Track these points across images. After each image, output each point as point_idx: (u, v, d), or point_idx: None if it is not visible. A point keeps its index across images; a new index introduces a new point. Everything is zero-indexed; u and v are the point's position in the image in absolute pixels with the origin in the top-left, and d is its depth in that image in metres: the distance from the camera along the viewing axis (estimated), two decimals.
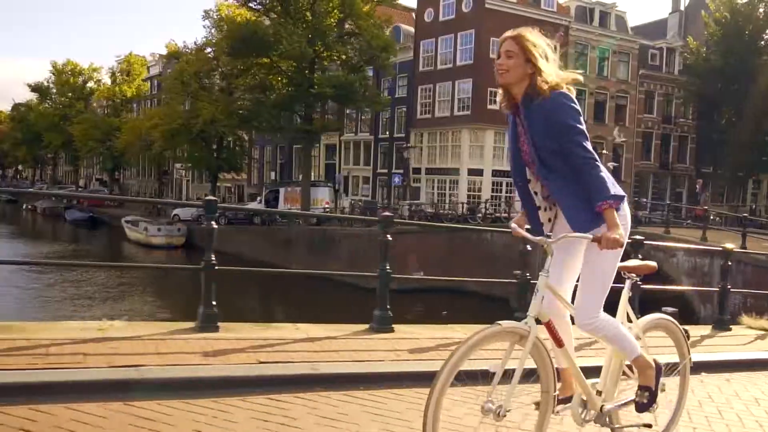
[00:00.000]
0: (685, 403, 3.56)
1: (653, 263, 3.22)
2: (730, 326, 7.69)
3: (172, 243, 38.53)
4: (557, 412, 2.99)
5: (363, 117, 44.21)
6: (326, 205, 35.32)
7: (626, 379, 3.18)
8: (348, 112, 37.70)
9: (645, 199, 37.81)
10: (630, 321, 3.22)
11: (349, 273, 19.52)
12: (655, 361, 3.05)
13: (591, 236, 2.69)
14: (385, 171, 43.60)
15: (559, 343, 2.85)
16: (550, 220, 3.01)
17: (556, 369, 2.94)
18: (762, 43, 37.18)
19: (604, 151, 34.30)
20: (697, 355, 5.15)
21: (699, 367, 5.05)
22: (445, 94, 38.99)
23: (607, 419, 3.07)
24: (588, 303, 2.88)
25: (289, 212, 32.42)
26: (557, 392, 2.88)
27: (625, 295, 3.17)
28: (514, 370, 2.66)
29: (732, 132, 37.26)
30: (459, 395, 3.35)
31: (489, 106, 36.47)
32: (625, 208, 2.88)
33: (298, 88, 32.79)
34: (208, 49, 40.91)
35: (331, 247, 29.14)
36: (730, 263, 8.02)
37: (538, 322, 2.79)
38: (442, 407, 2.61)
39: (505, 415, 2.65)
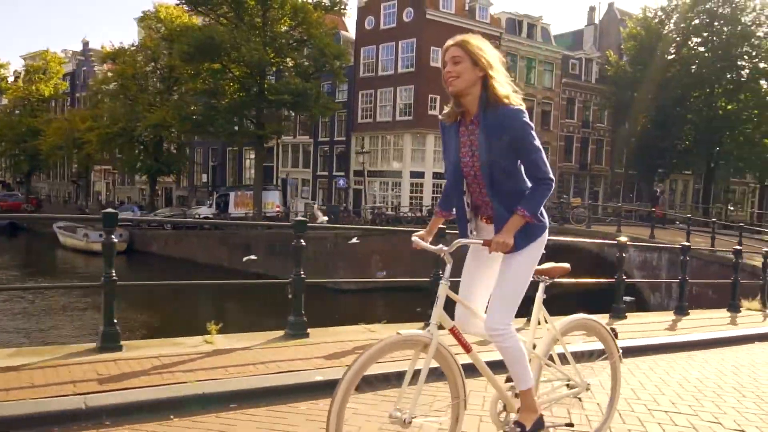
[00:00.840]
0: (618, 401, 3.57)
1: (566, 265, 3.23)
2: (688, 311, 9.00)
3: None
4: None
5: (301, 120, 44.86)
6: (277, 209, 35.88)
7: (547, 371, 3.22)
8: (285, 114, 38.28)
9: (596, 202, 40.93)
10: (546, 322, 3.20)
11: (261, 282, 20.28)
12: (541, 414, 2.98)
13: (482, 241, 2.75)
14: (326, 174, 44.52)
15: (466, 348, 2.79)
16: (472, 232, 3.00)
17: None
18: (669, 57, 41.08)
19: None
20: (669, 338, 6.86)
21: (669, 348, 6.43)
22: (387, 99, 40.45)
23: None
24: (498, 311, 2.83)
25: (207, 221, 31.86)
26: (467, 398, 2.85)
27: (539, 297, 3.16)
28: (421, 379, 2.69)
29: (644, 137, 41.07)
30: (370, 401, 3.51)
31: (430, 112, 38.41)
32: (547, 231, 2.95)
33: (249, 93, 33.24)
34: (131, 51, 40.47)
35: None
36: (688, 258, 9.25)
37: (441, 328, 2.77)
38: (344, 418, 2.58)
39: (410, 423, 2.64)
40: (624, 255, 8.08)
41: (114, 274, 4.87)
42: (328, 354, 4.97)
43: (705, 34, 42.17)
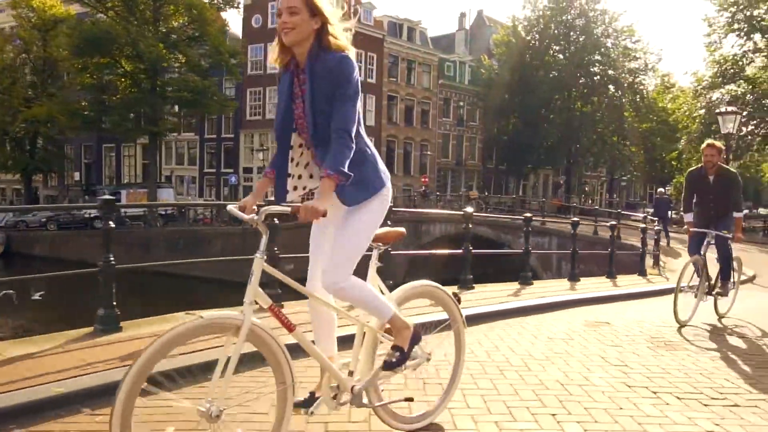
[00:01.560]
0: (462, 368, 3.44)
1: (401, 229, 3.13)
2: (580, 278, 10.56)
3: None
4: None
5: (185, 117, 44.29)
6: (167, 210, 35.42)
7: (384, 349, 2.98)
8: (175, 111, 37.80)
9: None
10: (382, 293, 2.97)
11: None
12: (414, 325, 2.92)
13: (290, 209, 2.49)
14: (213, 171, 44.32)
15: (289, 328, 2.60)
16: (303, 188, 2.80)
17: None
18: (535, 63, 45.31)
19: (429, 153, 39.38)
20: (566, 296, 8.14)
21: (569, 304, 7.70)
22: (276, 97, 41.09)
23: (365, 399, 2.91)
24: (336, 266, 2.68)
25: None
26: (295, 382, 2.60)
27: (373, 264, 3.00)
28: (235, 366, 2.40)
29: (515, 135, 45.05)
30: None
31: None
32: (386, 188, 2.81)
33: (141, 89, 32.67)
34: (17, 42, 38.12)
35: (199, 247, 29.80)
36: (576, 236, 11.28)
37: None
38: (130, 424, 2.20)
39: (219, 416, 2.36)
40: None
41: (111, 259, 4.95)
42: (137, 350, 4.18)
43: (563, 43, 46.96)
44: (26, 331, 17.94)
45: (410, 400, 3.09)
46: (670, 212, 24.44)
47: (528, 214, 10.45)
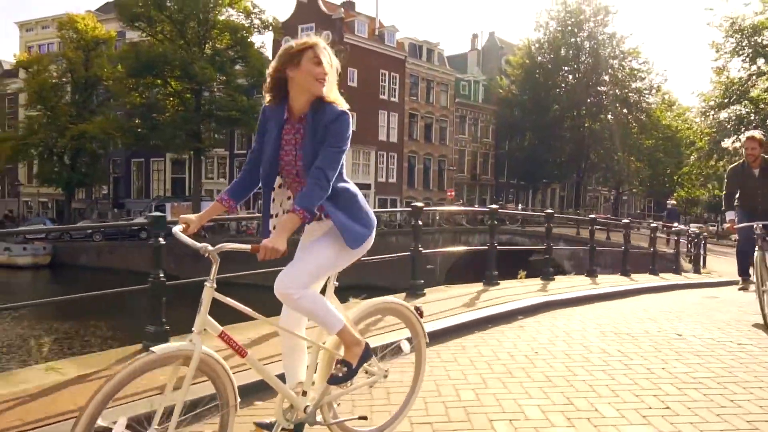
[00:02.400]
0: (422, 383, 3.37)
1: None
2: (598, 274, 10.91)
3: (38, 262, 37.12)
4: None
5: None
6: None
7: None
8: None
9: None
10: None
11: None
12: (366, 343, 2.87)
13: (249, 247, 2.50)
14: None
15: (240, 353, 2.56)
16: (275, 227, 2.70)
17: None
18: (550, 82, 47.85)
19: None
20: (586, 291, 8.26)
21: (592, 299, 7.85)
22: None
23: (318, 417, 2.89)
24: (294, 275, 2.65)
25: None
26: (237, 403, 2.58)
27: (331, 287, 2.92)
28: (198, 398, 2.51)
29: (530, 151, 47.48)
30: None
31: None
32: (372, 235, 2.84)
33: (188, 108, 34.73)
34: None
35: (244, 255, 31.59)
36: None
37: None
38: None
39: None
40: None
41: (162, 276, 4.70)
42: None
43: (573, 64, 49.56)
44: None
45: (364, 418, 3.10)
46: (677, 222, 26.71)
47: (549, 210, 10.91)
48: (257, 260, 2.54)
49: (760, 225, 6.23)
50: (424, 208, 7.77)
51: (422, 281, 7.29)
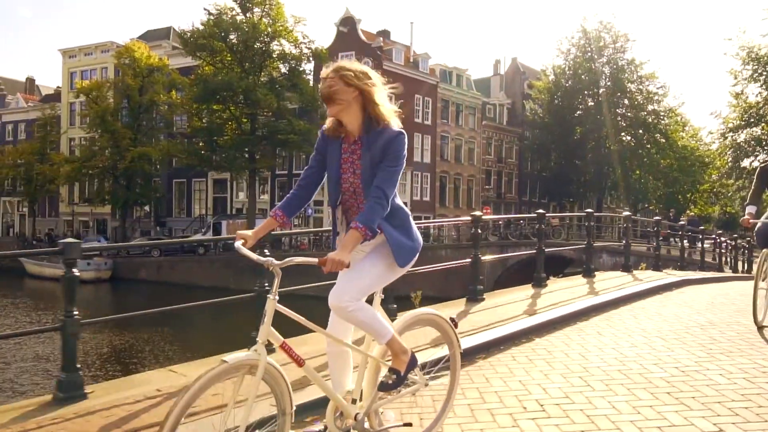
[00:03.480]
0: (456, 391, 3.52)
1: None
2: (633, 271, 11.74)
3: (101, 277, 39.39)
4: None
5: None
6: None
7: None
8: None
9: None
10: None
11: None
12: (412, 351, 3.03)
13: (316, 260, 2.63)
14: None
15: (299, 362, 2.72)
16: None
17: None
18: (572, 106, 50.56)
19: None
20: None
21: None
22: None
23: (366, 425, 3.04)
24: (348, 287, 2.83)
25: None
26: (293, 411, 2.74)
27: (377, 299, 3.12)
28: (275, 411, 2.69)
29: (556, 171, 50.09)
30: None
31: None
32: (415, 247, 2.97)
33: (244, 131, 37.28)
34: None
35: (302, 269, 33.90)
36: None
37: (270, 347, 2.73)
38: None
39: None
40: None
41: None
42: (104, 426, 3.58)
43: (593, 89, 52.29)
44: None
45: (409, 425, 3.20)
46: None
47: (589, 210, 11.79)
48: (321, 272, 2.72)
49: None
50: (483, 217, 8.20)
51: (482, 287, 7.61)
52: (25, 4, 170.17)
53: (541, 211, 9.34)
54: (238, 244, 2.80)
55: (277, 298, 2.68)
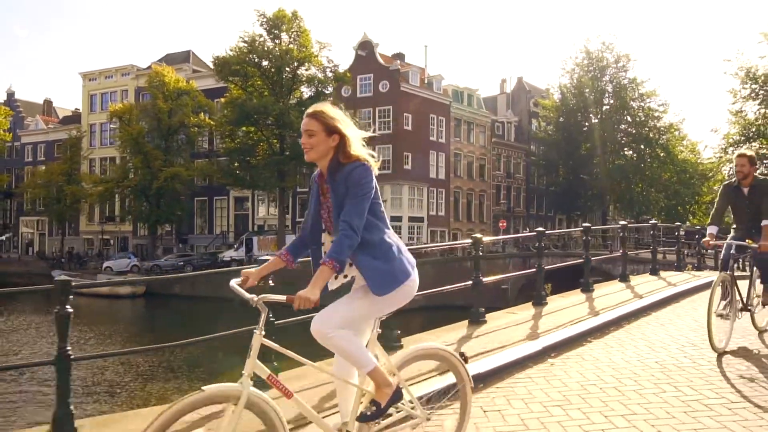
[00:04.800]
0: (468, 424, 3.45)
1: None
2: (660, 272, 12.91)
3: (136, 292, 41.04)
4: None
5: None
6: None
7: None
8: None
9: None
10: (381, 357, 3.13)
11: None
12: (398, 386, 3.03)
13: (284, 297, 2.70)
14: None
15: (287, 394, 2.77)
16: (344, 276, 3.00)
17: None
18: (578, 123, 52.97)
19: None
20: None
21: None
22: None
23: None
24: (332, 315, 2.87)
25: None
26: None
27: (374, 334, 3.10)
28: None
29: (564, 185, 52.38)
30: None
31: (405, 167, 46.54)
32: (411, 280, 3.01)
33: (274, 151, 39.28)
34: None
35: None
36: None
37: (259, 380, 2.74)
38: None
39: None
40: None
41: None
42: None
43: (596, 108, 54.75)
44: None
45: None
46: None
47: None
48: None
49: (734, 245, 6.12)
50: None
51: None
52: (21, 23, 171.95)
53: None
54: (233, 282, 2.92)
55: (263, 332, 2.75)
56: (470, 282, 7.44)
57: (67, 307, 4.11)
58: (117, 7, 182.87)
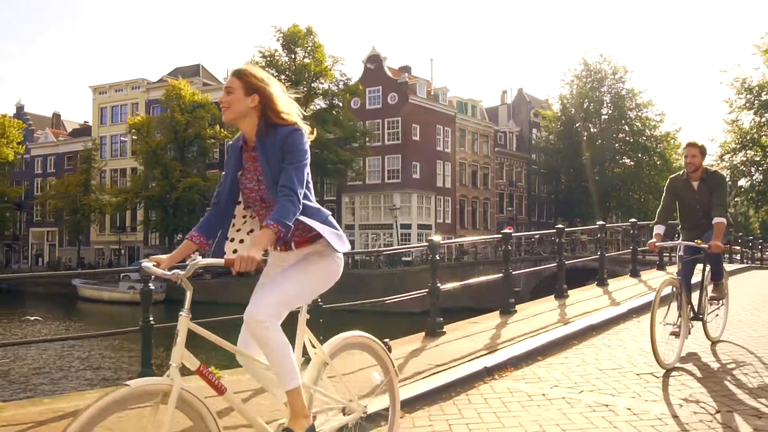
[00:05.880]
0: (398, 417, 3.28)
1: None
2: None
3: (156, 299, 41.94)
4: None
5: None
6: None
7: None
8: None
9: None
10: (313, 346, 2.93)
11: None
12: (314, 416, 2.76)
13: (222, 260, 2.48)
14: None
15: (219, 390, 2.45)
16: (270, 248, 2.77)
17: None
18: (581, 129, 54.79)
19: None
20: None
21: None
22: (376, 165, 49.37)
23: None
24: (265, 301, 2.62)
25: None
26: None
27: (303, 318, 2.89)
28: None
29: (565, 193, 54.12)
30: None
31: (413, 176, 48.12)
32: (340, 257, 2.82)
33: None
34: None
35: (362, 284, 37.26)
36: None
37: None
38: None
39: None
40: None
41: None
42: None
43: (594, 119, 56.60)
44: None
45: None
46: None
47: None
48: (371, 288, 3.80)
49: (683, 245, 5.62)
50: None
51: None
52: (11, 39, 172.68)
53: (560, 225, 9.69)
54: (146, 263, 2.59)
55: (189, 315, 2.46)
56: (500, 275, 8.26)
57: (150, 285, 5.06)
58: (123, 21, 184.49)
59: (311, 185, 2.77)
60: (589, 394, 4.53)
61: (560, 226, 9.59)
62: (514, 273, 8.31)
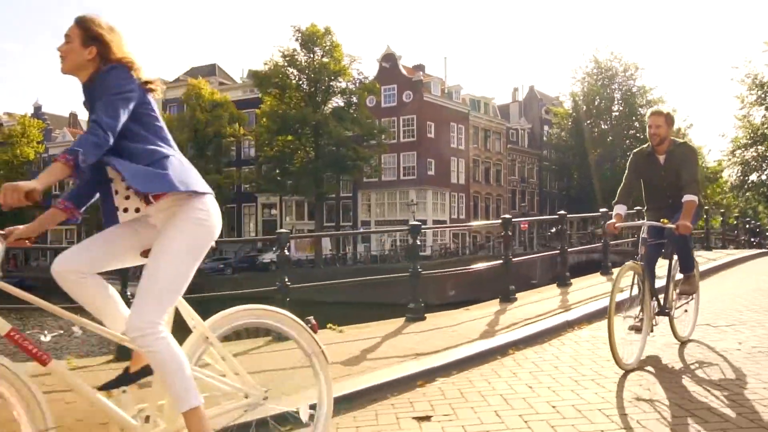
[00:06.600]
0: (330, 409, 2.78)
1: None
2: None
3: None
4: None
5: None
6: (330, 251, 44.35)
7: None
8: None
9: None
10: (192, 320, 2.55)
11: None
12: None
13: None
14: (332, 224, 52.76)
15: (41, 360, 2.07)
16: (135, 210, 2.50)
17: None
18: (592, 125, 55.52)
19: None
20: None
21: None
22: (391, 162, 50.18)
23: None
24: (147, 306, 2.27)
25: None
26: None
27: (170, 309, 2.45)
28: None
29: (577, 189, 54.88)
30: None
31: (429, 173, 48.96)
32: (209, 198, 2.50)
33: (309, 159, 41.63)
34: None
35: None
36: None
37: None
38: None
39: None
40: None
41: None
42: None
43: (605, 116, 57.27)
44: None
45: None
46: None
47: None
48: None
49: (647, 226, 4.79)
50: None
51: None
52: (12, 39, 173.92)
53: (562, 212, 9.68)
54: None
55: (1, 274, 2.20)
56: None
57: (286, 251, 6.12)
58: (137, 22, 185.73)
59: (163, 131, 2.52)
60: None
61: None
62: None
